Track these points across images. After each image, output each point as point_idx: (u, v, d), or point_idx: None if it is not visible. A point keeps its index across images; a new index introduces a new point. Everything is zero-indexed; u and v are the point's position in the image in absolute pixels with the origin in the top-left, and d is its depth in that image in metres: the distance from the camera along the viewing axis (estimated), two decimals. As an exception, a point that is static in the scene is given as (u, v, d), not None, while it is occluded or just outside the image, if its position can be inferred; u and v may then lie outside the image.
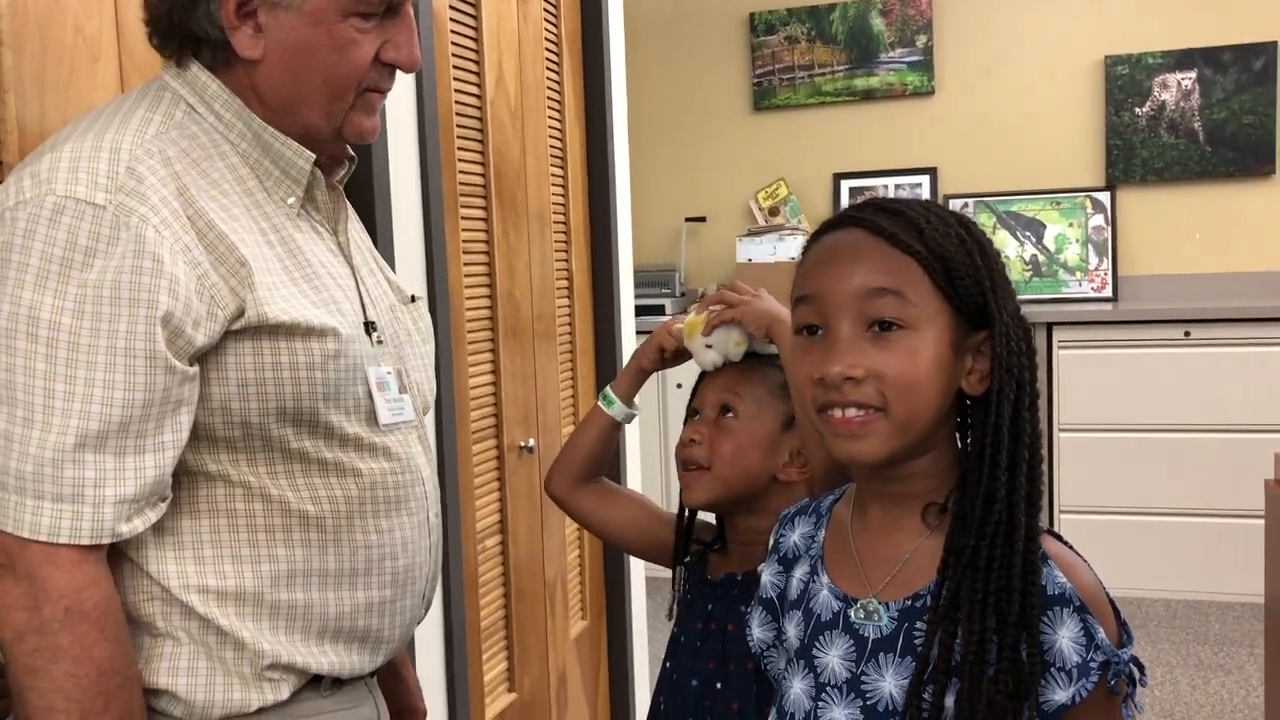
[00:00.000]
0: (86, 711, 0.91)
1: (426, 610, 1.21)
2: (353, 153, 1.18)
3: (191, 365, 0.96)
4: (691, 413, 1.36)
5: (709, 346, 1.32)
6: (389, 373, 1.11)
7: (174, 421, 0.96)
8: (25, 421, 0.90)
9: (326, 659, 1.06)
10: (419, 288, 1.84)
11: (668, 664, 1.35)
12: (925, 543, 0.96)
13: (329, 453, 1.05)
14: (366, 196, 1.66)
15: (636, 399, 1.43)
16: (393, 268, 1.73)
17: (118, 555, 0.98)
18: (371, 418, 1.08)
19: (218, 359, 0.98)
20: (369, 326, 1.11)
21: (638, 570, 2.86)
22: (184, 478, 1.00)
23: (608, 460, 1.45)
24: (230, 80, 1.06)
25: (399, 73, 1.10)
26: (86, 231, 0.92)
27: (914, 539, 0.97)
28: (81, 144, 0.96)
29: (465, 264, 2.04)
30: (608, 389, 1.42)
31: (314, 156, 1.08)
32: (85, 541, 0.92)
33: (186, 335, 0.94)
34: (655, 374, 1.45)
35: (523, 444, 2.25)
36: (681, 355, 1.38)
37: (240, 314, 0.97)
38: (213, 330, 0.96)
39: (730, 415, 1.30)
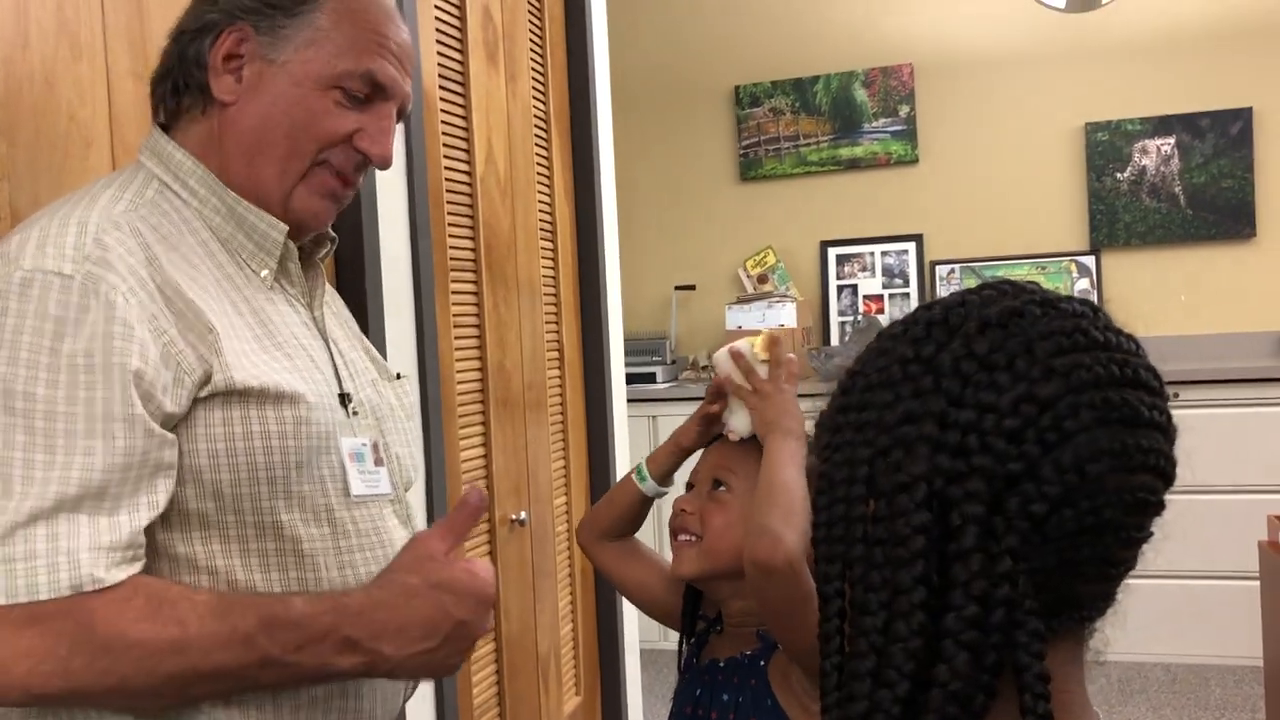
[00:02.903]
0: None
1: (412, 689, 1.19)
2: (333, 233, 1.19)
3: (166, 430, 0.96)
4: (688, 486, 1.36)
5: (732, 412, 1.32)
6: (364, 444, 1.11)
7: (150, 485, 0.95)
8: (4, 493, 0.89)
9: None
10: (410, 361, 1.85)
11: None
12: None
13: (302, 528, 1.03)
14: (357, 271, 1.67)
15: (675, 476, 1.42)
16: (383, 342, 1.74)
17: None
18: (347, 489, 1.07)
19: (188, 429, 0.97)
20: (344, 398, 1.11)
21: (632, 644, 2.83)
22: (150, 563, 0.98)
23: (635, 527, 1.45)
24: (203, 131, 1.08)
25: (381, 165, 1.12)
26: (55, 301, 0.92)
27: None
28: (50, 222, 0.97)
29: (456, 337, 2.05)
30: (643, 463, 1.42)
31: (286, 228, 1.09)
32: (65, 592, 0.89)
33: (156, 400, 0.94)
34: (648, 426, 1.43)
35: (514, 517, 2.24)
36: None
37: (207, 380, 0.97)
38: (180, 397, 0.96)
39: (723, 489, 1.30)
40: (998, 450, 0.63)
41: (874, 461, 0.67)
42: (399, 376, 1.27)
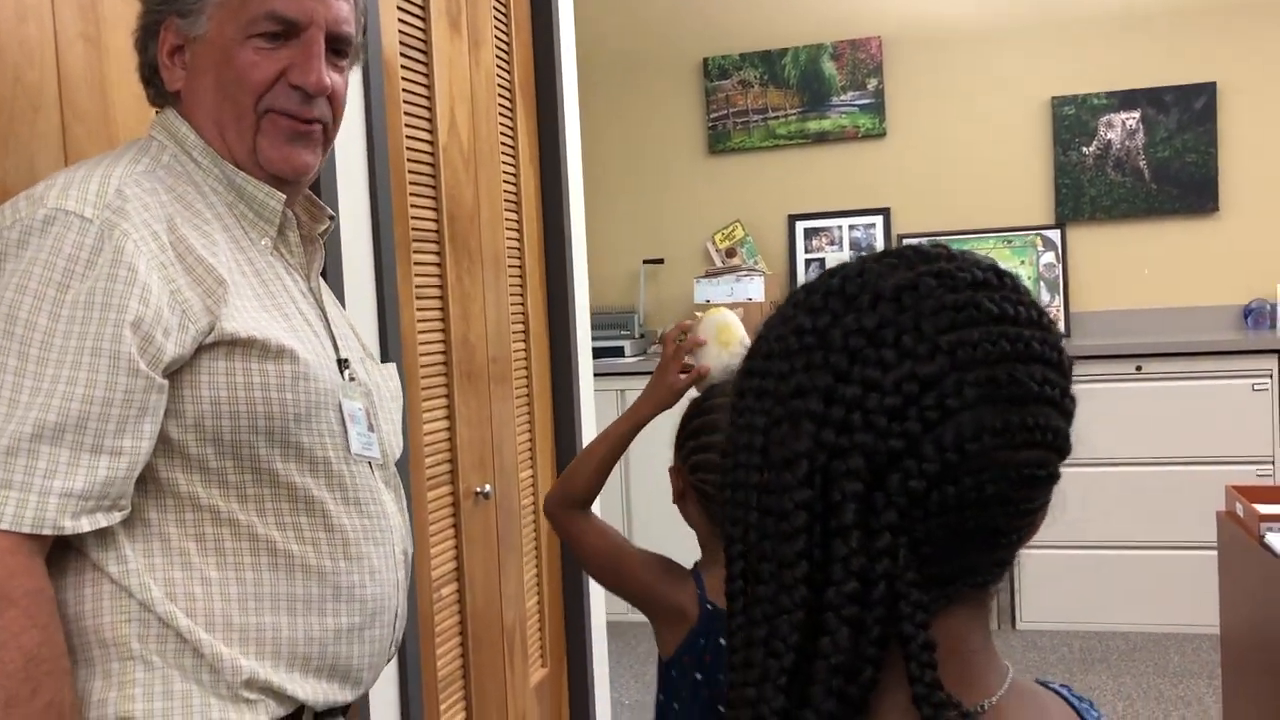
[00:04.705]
0: (12, 698, 0.91)
1: (395, 648, 1.22)
2: (331, 211, 1.26)
3: (163, 376, 1.00)
4: None
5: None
6: (360, 408, 1.16)
7: (135, 428, 0.99)
8: None
9: (301, 689, 1.08)
10: (371, 333, 1.83)
11: None
12: None
13: (299, 477, 1.08)
14: (316, 243, 1.65)
15: None
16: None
17: (98, 574, 1.01)
18: (346, 446, 1.13)
19: (192, 376, 1.03)
20: (342, 363, 1.17)
21: (599, 614, 2.83)
22: (154, 500, 1.03)
23: None
24: (185, 116, 1.15)
25: (350, 116, 1.14)
26: (72, 241, 0.98)
27: None
28: (74, 174, 1.04)
29: (418, 309, 2.03)
30: None
31: (284, 197, 1.15)
32: (26, 529, 0.94)
33: (157, 343, 0.99)
34: (616, 400, 1.56)
35: (479, 490, 2.23)
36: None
37: (211, 329, 1.03)
38: (184, 341, 1.01)
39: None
40: (879, 427, 0.63)
41: (768, 431, 0.67)
42: (383, 362, 1.33)
